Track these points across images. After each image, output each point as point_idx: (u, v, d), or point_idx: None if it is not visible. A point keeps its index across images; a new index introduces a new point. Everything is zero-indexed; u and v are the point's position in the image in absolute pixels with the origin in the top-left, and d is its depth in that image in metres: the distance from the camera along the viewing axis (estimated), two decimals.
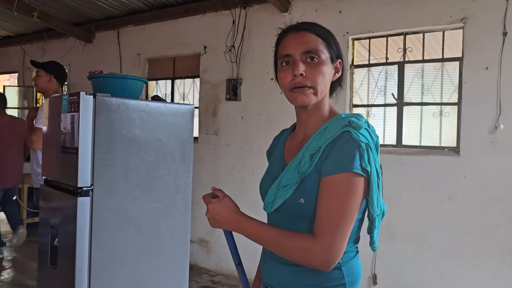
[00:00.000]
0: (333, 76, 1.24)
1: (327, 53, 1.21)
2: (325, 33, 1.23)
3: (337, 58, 1.25)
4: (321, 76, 1.19)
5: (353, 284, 1.21)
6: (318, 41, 1.20)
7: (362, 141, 1.11)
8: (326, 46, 1.21)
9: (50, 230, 2.57)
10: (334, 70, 1.24)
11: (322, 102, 1.25)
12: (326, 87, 1.22)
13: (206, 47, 4.83)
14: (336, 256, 1.08)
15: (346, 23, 3.88)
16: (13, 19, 6.15)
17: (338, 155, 1.10)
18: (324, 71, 1.19)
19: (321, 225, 1.08)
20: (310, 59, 1.19)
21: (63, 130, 2.42)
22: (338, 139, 1.13)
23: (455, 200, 3.35)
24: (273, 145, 1.44)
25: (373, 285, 3.67)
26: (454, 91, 3.46)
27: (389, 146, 3.73)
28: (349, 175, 1.08)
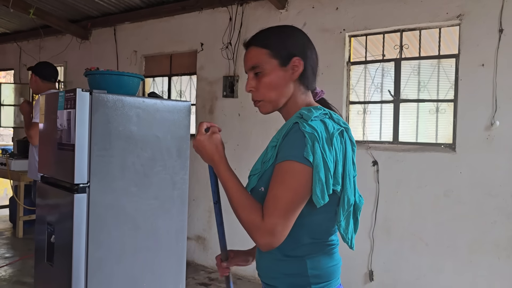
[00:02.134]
0: (292, 75, 1.25)
1: (273, 60, 1.24)
2: (270, 40, 1.26)
3: (292, 57, 1.25)
4: (267, 88, 1.25)
5: (320, 278, 1.23)
6: (261, 54, 1.25)
7: (307, 132, 1.14)
8: (270, 54, 1.24)
9: (47, 227, 2.57)
10: (292, 70, 1.25)
11: (292, 101, 1.28)
12: (280, 92, 1.26)
13: (203, 44, 4.82)
14: (276, 239, 1.12)
15: (342, 20, 3.88)
16: (9, 16, 6.13)
17: (285, 145, 1.17)
18: (270, 81, 1.25)
19: (267, 208, 1.13)
20: (256, 74, 1.26)
21: (60, 127, 2.42)
22: (289, 131, 1.19)
23: (451, 196, 3.36)
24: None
25: (370, 282, 3.69)
26: (450, 88, 3.47)
27: (385, 142, 3.74)
28: (291, 163, 1.13)
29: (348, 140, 1.24)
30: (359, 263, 3.75)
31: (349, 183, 1.21)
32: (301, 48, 1.27)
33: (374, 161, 3.68)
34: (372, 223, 3.69)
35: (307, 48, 1.29)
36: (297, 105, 1.28)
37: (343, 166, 1.20)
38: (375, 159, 3.68)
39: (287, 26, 1.34)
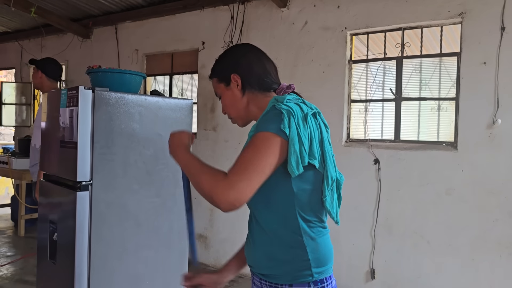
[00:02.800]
0: (237, 89, 1.41)
1: (221, 84, 1.44)
2: (216, 69, 1.47)
3: (230, 76, 1.41)
4: (227, 107, 1.46)
5: (318, 262, 1.29)
6: (214, 83, 1.47)
7: (284, 109, 1.25)
8: (218, 81, 1.45)
9: (50, 225, 2.58)
10: (235, 84, 1.41)
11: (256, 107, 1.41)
12: (236, 106, 1.43)
13: (204, 43, 4.82)
14: (237, 197, 1.13)
15: (344, 18, 3.88)
16: (11, 15, 6.13)
17: (261, 121, 1.27)
18: (225, 102, 1.45)
19: (232, 167, 1.19)
20: (219, 99, 1.48)
21: (62, 125, 2.43)
22: (266, 112, 1.30)
23: (452, 194, 3.36)
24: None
25: (371, 280, 3.69)
26: (452, 86, 3.46)
27: (387, 141, 3.74)
28: (265, 133, 1.21)
29: (321, 123, 1.35)
30: (360, 262, 3.75)
31: (329, 161, 1.32)
32: (234, 64, 1.43)
33: (375, 160, 3.68)
34: (373, 222, 3.69)
35: (241, 60, 1.42)
36: (258, 106, 1.41)
37: (321, 145, 1.31)
38: (377, 158, 3.68)
39: (229, 48, 1.51)
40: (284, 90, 1.44)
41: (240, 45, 1.53)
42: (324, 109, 3.93)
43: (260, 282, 1.36)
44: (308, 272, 1.27)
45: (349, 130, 3.94)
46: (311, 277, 1.28)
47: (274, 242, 1.29)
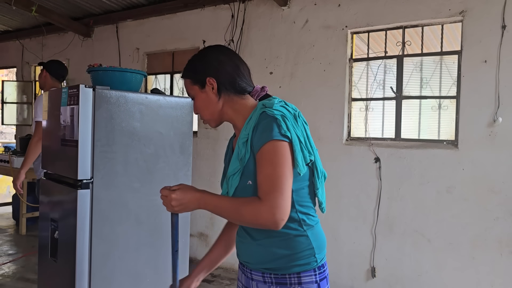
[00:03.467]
0: (212, 92, 1.43)
1: (195, 86, 1.45)
2: (189, 70, 1.46)
3: (205, 79, 1.42)
4: (200, 109, 1.47)
5: (320, 248, 1.40)
6: (187, 84, 1.47)
7: (277, 114, 1.30)
8: (191, 82, 1.45)
9: (51, 223, 2.59)
10: (211, 88, 1.43)
11: (229, 109, 1.45)
12: (210, 108, 1.45)
13: (205, 41, 4.82)
14: (281, 213, 1.21)
15: (345, 16, 3.88)
16: (12, 14, 6.13)
17: (260, 132, 1.29)
18: (199, 104, 1.46)
19: (262, 188, 1.24)
20: (192, 99, 1.49)
21: (63, 123, 2.43)
22: (260, 120, 1.32)
23: (453, 193, 3.36)
24: (227, 147, 1.59)
25: (372, 278, 3.69)
26: (452, 85, 3.46)
27: (387, 139, 3.74)
28: (272, 143, 1.26)
29: (303, 120, 1.41)
30: (361, 260, 3.75)
31: (317, 155, 1.40)
32: (211, 67, 1.43)
33: (376, 158, 3.68)
34: (374, 220, 3.69)
35: (217, 64, 1.43)
36: (240, 111, 1.44)
37: (309, 141, 1.38)
38: (377, 156, 3.68)
39: (202, 50, 1.49)
40: (258, 92, 1.47)
41: (214, 47, 1.51)
42: (325, 108, 3.96)
43: (262, 276, 1.39)
44: (313, 259, 1.36)
45: (349, 129, 3.94)
46: (315, 263, 1.37)
47: (279, 238, 1.34)
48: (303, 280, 1.35)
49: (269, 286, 1.38)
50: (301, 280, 1.34)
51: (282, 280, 1.35)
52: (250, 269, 1.44)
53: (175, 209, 1.32)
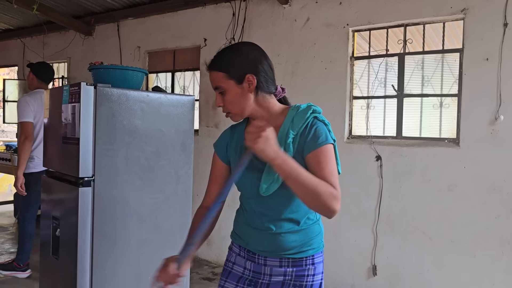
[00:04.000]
0: (249, 89, 1.48)
1: (230, 81, 1.47)
2: (226, 64, 1.48)
3: (245, 75, 1.47)
4: (231, 103, 1.49)
5: (323, 232, 1.63)
6: (219, 77, 1.48)
7: (327, 123, 1.50)
8: (227, 76, 1.47)
9: (52, 221, 2.59)
10: (248, 84, 1.47)
11: (258, 106, 1.52)
12: (243, 104, 1.49)
13: (206, 40, 4.82)
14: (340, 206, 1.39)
15: (346, 14, 3.87)
16: (13, 12, 6.13)
17: (316, 135, 1.44)
18: (231, 98, 1.48)
19: (332, 181, 1.37)
20: (220, 92, 1.50)
21: (64, 121, 2.44)
22: (310, 124, 1.46)
23: (454, 191, 3.36)
24: (224, 140, 1.65)
25: (373, 276, 3.69)
26: (454, 83, 3.46)
27: (389, 137, 3.74)
28: (329, 146, 1.43)
29: None
30: (362, 258, 3.75)
31: None
32: (251, 64, 1.48)
33: (377, 156, 3.68)
34: (375, 218, 3.69)
35: (257, 62, 1.49)
36: (269, 109, 1.53)
37: None
38: (379, 154, 3.68)
39: (238, 45, 1.56)
40: (280, 93, 1.59)
41: (250, 44, 1.56)
42: (326, 106, 3.95)
43: (279, 261, 1.53)
44: (322, 242, 1.60)
45: (351, 127, 3.93)
46: (323, 245, 1.61)
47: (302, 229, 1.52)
48: (316, 260, 1.56)
49: (285, 269, 1.53)
50: (314, 261, 1.55)
51: (299, 262, 1.53)
52: (264, 256, 1.55)
53: (258, 143, 1.29)
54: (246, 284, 1.58)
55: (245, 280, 1.58)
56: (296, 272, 1.53)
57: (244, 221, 1.60)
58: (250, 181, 1.51)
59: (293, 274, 1.53)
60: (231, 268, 1.63)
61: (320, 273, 1.57)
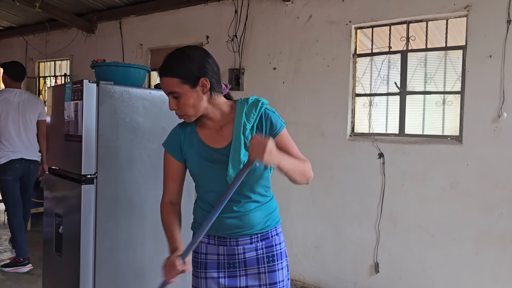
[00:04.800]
0: (203, 91, 1.57)
1: (185, 85, 1.54)
2: (179, 70, 1.54)
3: (199, 79, 1.55)
4: (186, 106, 1.57)
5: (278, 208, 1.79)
6: (173, 82, 1.54)
7: (274, 111, 1.70)
8: (181, 82, 1.54)
9: (55, 218, 2.60)
10: (202, 87, 1.56)
11: (214, 105, 1.63)
12: (197, 105, 1.58)
13: (209, 37, 4.82)
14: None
15: (349, 11, 3.86)
16: (15, 10, 6.14)
17: (273, 124, 1.64)
18: (187, 102, 1.56)
19: (301, 157, 1.65)
20: (174, 97, 1.57)
21: (67, 119, 2.44)
22: (264, 116, 1.64)
23: (457, 188, 3.35)
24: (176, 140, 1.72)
25: (375, 274, 3.69)
26: (457, 80, 3.45)
27: (391, 135, 3.73)
28: (284, 130, 1.67)
29: None
30: (364, 255, 3.75)
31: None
32: (203, 68, 1.56)
33: (380, 154, 3.68)
34: (378, 215, 3.69)
35: (207, 64, 1.58)
36: (220, 106, 1.65)
37: None
38: (381, 152, 3.67)
39: (187, 50, 1.60)
40: (225, 90, 1.73)
41: (198, 48, 1.65)
42: (329, 103, 3.95)
43: (250, 239, 1.67)
44: (278, 214, 1.77)
45: (353, 124, 3.93)
46: (279, 217, 1.77)
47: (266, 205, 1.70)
48: (278, 231, 1.74)
49: (256, 244, 1.67)
50: (277, 231, 1.73)
51: (266, 235, 1.69)
52: (235, 238, 1.66)
53: (265, 155, 1.40)
54: (226, 268, 1.68)
55: (224, 265, 1.68)
56: (265, 245, 1.68)
57: (209, 211, 1.65)
58: (216, 173, 1.62)
59: (263, 247, 1.68)
60: (205, 259, 1.71)
61: (283, 241, 1.76)
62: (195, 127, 1.71)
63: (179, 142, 1.71)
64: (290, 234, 4.17)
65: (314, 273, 4.03)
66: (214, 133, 1.67)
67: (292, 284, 4.08)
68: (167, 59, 1.58)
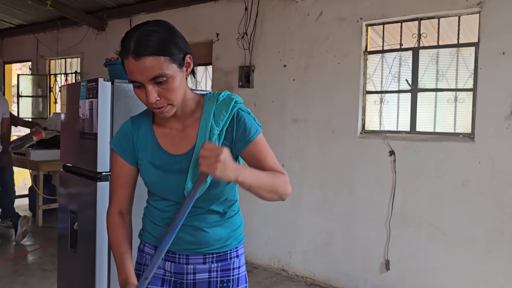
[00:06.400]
0: (186, 72, 1.30)
1: (173, 64, 1.23)
2: (164, 45, 1.21)
3: (185, 55, 1.28)
4: (174, 92, 1.25)
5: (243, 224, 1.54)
6: (160, 62, 1.20)
7: (249, 112, 1.41)
8: (169, 60, 1.22)
9: (70, 214, 2.63)
10: (186, 67, 1.29)
11: (186, 98, 1.34)
12: (183, 93, 1.29)
13: (219, 34, 4.83)
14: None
15: (360, 8, 3.85)
16: (27, 8, 6.20)
17: (246, 129, 1.34)
18: (175, 85, 1.24)
19: (277, 169, 1.34)
20: (159, 83, 1.22)
21: (82, 117, 2.47)
22: (236, 117, 1.35)
23: (469, 186, 3.34)
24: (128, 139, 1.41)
25: (386, 271, 3.69)
26: (469, 77, 3.43)
27: (402, 132, 3.72)
28: (260, 136, 1.37)
29: None
30: (375, 253, 3.76)
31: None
32: (185, 43, 1.30)
33: (391, 151, 3.67)
34: (388, 213, 3.68)
35: (185, 40, 1.31)
36: (186, 99, 1.34)
37: None
38: (392, 149, 3.67)
39: (162, 24, 1.27)
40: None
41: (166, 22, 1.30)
42: (339, 101, 3.95)
43: (203, 258, 1.42)
44: (242, 232, 1.52)
45: (364, 122, 3.92)
46: (243, 236, 1.52)
47: (226, 220, 1.44)
48: (239, 252, 1.48)
49: (210, 265, 1.42)
50: (237, 253, 1.48)
51: (224, 256, 1.44)
52: (186, 255, 1.41)
53: (217, 169, 1.13)
54: (171, 287, 1.44)
55: (169, 283, 1.44)
56: (221, 267, 1.43)
57: (160, 221, 1.42)
58: (173, 184, 1.34)
59: (219, 269, 1.43)
60: None
61: (243, 265, 1.51)
62: (151, 125, 1.41)
63: (131, 141, 1.41)
64: (300, 231, 4.18)
65: (324, 270, 4.04)
66: (175, 135, 1.38)
67: (302, 281, 4.10)
68: (143, 34, 1.21)
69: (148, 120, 1.42)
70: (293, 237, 4.24)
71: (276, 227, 4.34)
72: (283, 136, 4.28)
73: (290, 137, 4.24)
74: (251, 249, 4.47)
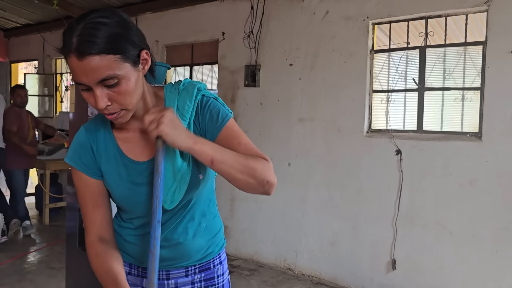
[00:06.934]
0: (143, 70, 1.12)
1: (126, 63, 1.05)
2: (114, 41, 1.02)
3: (140, 52, 1.09)
4: (128, 96, 1.07)
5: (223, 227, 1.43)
6: (109, 62, 1.01)
7: (216, 97, 1.25)
8: (121, 58, 1.03)
9: (78, 212, 2.64)
10: (142, 64, 1.11)
11: (144, 95, 1.17)
12: (139, 94, 1.11)
13: (225, 33, 4.83)
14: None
15: (366, 7, 3.84)
16: (33, 7, 6.23)
17: (214, 115, 1.19)
18: (129, 88, 1.06)
19: (255, 153, 1.16)
20: (109, 86, 1.04)
21: (90, 115, 2.48)
22: (202, 106, 1.21)
23: (476, 185, 3.33)
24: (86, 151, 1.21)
25: (393, 270, 3.69)
26: (476, 76, 3.41)
27: (409, 131, 3.72)
28: (231, 120, 1.21)
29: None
30: (381, 252, 3.75)
31: None
32: (141, 37, 1.11)
33: (397, 150, 3.66)
34: (395, 212, 3.68)
35: (139, 31, 1.11)
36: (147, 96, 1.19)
37: None
38: (399, 148, 3.66)
39: (112, 14, 1.07)
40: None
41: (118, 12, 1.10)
42: (346, 100, 3.95)
43: (185, 271, 1.31)
44: (223, 235, 1.41)
45: (370, 121, 3.92)
46: (224, 239, 1.42)
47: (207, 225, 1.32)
48: (221, 258, 1.39)
49: (192, 277, 1.32)
50: (221, 259, 1.38)
51: (207, 265, 1.34)
52: (166, 270, 1.29)
53: (164, 127, 1.02)
54: None
55: None
56: (205, 277, 1.33)
57: (133, 238, 1.29)
58: (144, 197, 1.18)
59: (202, 279, 1.33)
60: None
61: (226, 270, 1.41)
62: (110, 130, 1.22)
63: (90, 152, 1.21)
64: (306, 230, 4.19)
65: (330, 269, 4.04)
66: (139, 138, 1.21)
67: (309, 280, 4.10)
68: (86, 28, 1.00)
69: (106, 125, 1.22)
70: (299, 236, 4.24)
71: (282, 226, 4.34)
72: (289, 135, 4.28)
73: (296, 136, 4.24)
74: (257, 247, 4.48)
